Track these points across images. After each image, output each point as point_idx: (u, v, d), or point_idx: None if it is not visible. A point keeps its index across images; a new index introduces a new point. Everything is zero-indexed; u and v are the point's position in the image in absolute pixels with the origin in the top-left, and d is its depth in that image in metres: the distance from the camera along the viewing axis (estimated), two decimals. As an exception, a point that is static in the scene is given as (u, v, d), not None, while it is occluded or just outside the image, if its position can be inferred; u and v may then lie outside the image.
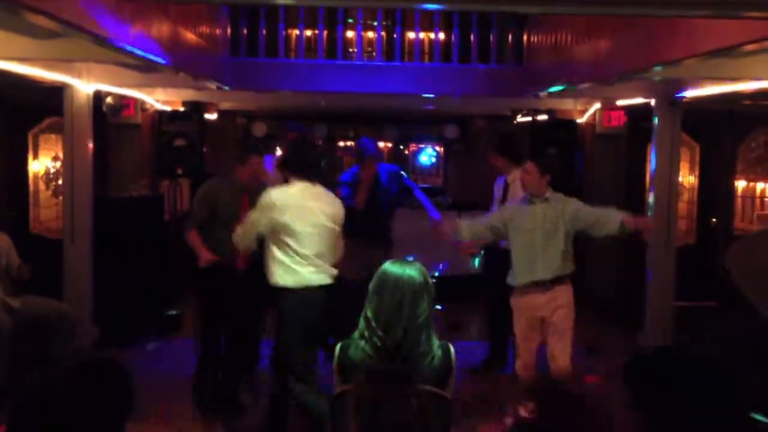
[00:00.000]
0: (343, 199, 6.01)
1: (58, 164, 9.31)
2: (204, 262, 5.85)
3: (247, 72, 8.28)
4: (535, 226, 5.80)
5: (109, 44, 4.86)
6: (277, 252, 5.20)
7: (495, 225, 5.90)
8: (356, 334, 3.39)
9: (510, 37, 8.57)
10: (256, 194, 5.45)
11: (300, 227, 5.15)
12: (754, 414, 2.36)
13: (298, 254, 5.15)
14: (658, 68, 5.34)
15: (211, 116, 10.42)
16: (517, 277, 5.89)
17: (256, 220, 5.21)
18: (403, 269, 3.36)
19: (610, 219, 5.73)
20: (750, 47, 4.19)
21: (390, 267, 3.39)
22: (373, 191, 7.02)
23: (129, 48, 5.08)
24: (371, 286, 3.38)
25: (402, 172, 7.47)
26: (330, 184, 5.77)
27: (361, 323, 3.37)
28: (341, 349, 3.38)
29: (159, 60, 5.78)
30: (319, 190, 5.38)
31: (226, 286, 5.98)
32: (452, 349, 3.38)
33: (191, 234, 6.01)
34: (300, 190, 5.25)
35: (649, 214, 8.06)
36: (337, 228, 5.39)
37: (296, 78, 8.29)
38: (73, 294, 7.58)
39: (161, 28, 5.82)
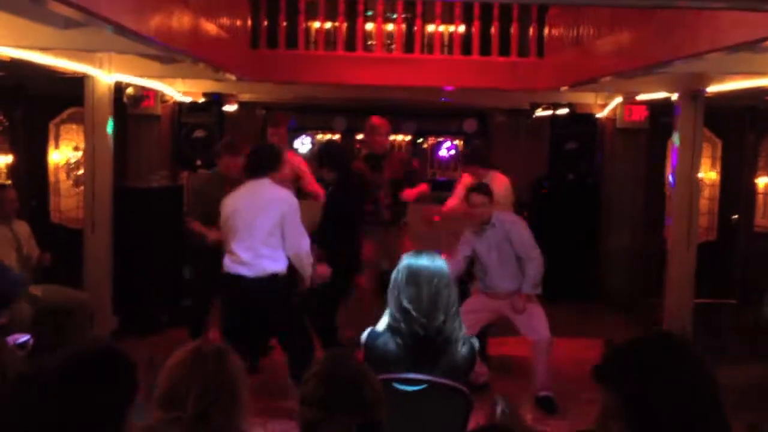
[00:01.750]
0: None
1: (79, 154, 9.36)
2: (213, 239, 6.28)
3: (267, 63, 8.28)
4: (490, 249, 6.45)
5: (129, 34, 4.87)
6: None
7: (467, 255, 6.53)
8: (383, 326, 3.37)
9: (531, 30, 8.51)
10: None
11: None
12: None
13: None
14: (680, 62, 5.28)
15: (231, 108, 10.43)
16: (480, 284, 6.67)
17: None
18: (433, 260, 3.38)
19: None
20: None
21: (418, 259, 3.39)
22: None
23: (150, 39, 5.09)
24: (400, 277, 3.37)
25: None
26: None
27: (390, 315, 3.36)
28: (369, 340, 3.37)
29: (180, 51, 5.78)
30: None
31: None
32: (476, 343, 3.40)
33: (194, 224, 6.64)
34: None
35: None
36: None
37: (315, 70, 8.27)
38: (93, 283, 7.60)
39: (182, 19, 5.82)
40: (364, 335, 3.43)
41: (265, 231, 5.53)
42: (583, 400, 6.35)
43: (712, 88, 7.14)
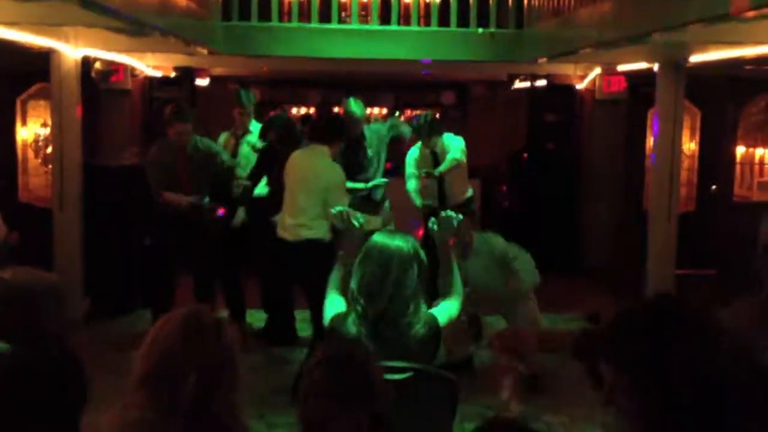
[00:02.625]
0: None
1: (48, 131, 9.10)
2: (188, 203, 6.66)
3: (240, 37, 8.04)
4: None
5: (96, 7, 4.67)
6: None
7: None
8: (346, 308, 3.27)
9: (510, 0, 8.33)
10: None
11: None
12: None
13: None
14: (660, 34, 5.15)
15: (203, 81, 10.21)
16: None
17: None
18: (391, 239, 3.24)
19: None
20: (753, 13, 4.01)
21: (377, 237, 3.29)
22: None
23: (117, 11, 4.88)
24: (360, 255, 3.25)
25: None
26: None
27: (348, 295, 3.26)
28: (332, 323, 3.25)
29: (147, 24, 5.57)
30: None
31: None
32: (440, 319, 3.26)
33: (166, 194, 6.70)
34: None
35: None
36: None
37: (289, 43, 8.05)
38: (63, 264, 7.42)
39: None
40: (327, 319, 3.30)
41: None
42: (564, 378, 6.33)
43: (694, 58, 7.01)
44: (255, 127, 7.66)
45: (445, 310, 3.35)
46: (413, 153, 7.68)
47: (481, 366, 6.50)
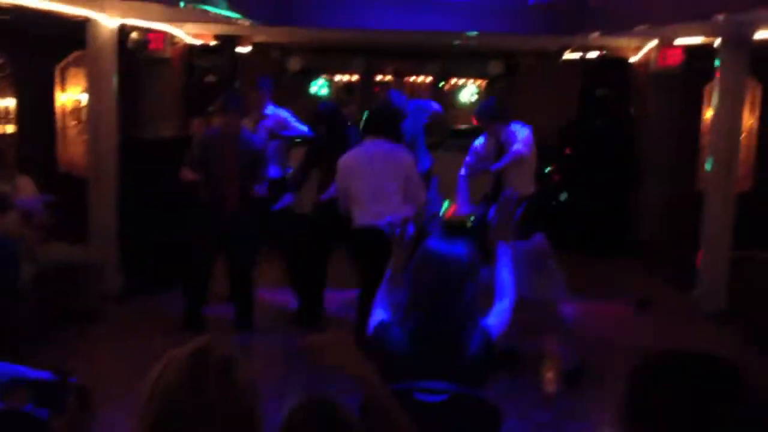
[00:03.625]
0: None
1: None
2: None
3: (281, 6, 7.80)
4: None
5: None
6: None
7: None
8: (393, 318, 3.00)
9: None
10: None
11: None
12: None
13: None
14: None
15: (245, 49, 9.97)
16: None
17: None
18: (450, 246, 2.93)
19: None
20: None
21: (435, 243, 2.97)
22: None
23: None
24: (414, 261, 2.98)
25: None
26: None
27: (397, 305, 2.99)
28: (378, 333, 2.98)
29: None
30: None
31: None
32: (495, 331, 2.95)
33: (186, 172, 6.61)
34: None
35: (708, 161, 7.54)
36: None
37: (332, 13, 7.79)
38: (98, 238, 7.32)
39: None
40: (372, 326, 3.03)
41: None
42: (614, 372, 6.07)
43: (760, 35, 6.60)
44: (271, 110, 7.52)
45: (499, 319, 3.03)
46: (478, 141, 6.97)
47: (525, 357, 6.25)
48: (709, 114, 9.32)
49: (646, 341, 6.79)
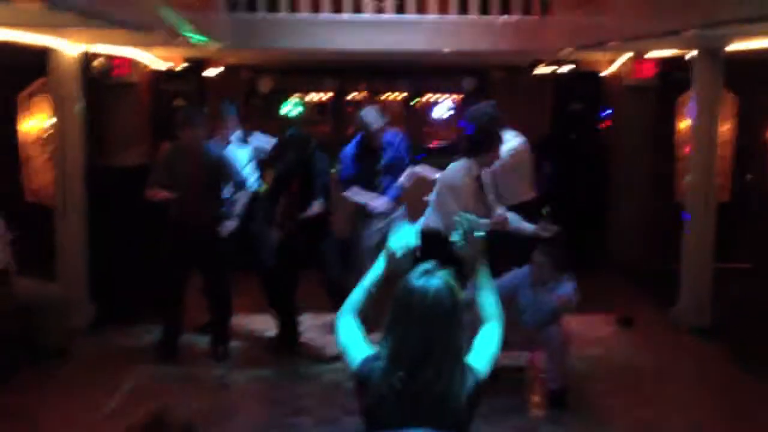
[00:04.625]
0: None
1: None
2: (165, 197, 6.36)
3: (247, 30, 7.64)
4: None
5: (95, 17, 4.32)
6: None
7: None
8: (379, 352, 2.77)
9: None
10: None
11: None
12: None
13: None
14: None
15: (214, 71, 9.80)
16: None
17: None
18: (429, 284, 2.68)
19: None
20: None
21: (414, 282, 2.70)
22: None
23: (120, 21, 4.52)
24: (393, 303, 2.77)
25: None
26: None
27: (383, 346, 2.76)
28: (363, 370, 2.77)
29: (151, 27, 5.20)
30: None
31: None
32: (483, 366, 2.77)
33: (153, 192, 6.41)
34: None
35: (687, 178, 7.47)
36: None
37: (300, 35, 7.64)
38: (67, 270, 7.11)
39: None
40: (357, 361, 2.83)
41: None
42: (597, 392, 5.95)
43: (733, 47, 6.54)
44: (235, 137, 7.47)
45: (487, 350, 2.83)
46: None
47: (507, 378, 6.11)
48: (683, 125, 9.29)
49: (629, 359, 6.70)
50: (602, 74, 9.52)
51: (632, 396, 5.95)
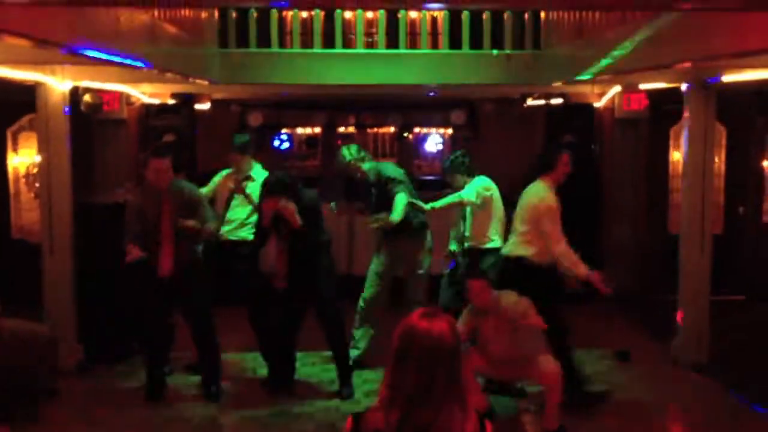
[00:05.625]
0: None
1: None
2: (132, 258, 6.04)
3: (238, 64, 7.60)
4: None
5: (83, 56, 4.26)
6: None
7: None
8: (377, 401, 2.70)
9: (526, 16, 7.85)
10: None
11: None
12: None
13: None
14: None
15: (203, 106, 9.75)
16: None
17: None
18: (432, 325, 2.62)
19: None
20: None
21: (417, 322, 2.64)
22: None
23: (106, 57, 4.46)
24: (395, 343, 2.69)
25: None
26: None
27: (382, 390, 2.68)
28: (354, 419, 2.69)
29: (139, 62, 5.14)
30: None
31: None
32: (487, 425, 2.70)
33: (131, 247, 6.09)
34: None
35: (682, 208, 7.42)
36: None
37: (291, 69, 7.62)
38: (54, 309, 6.98)
39: (141, 22, 5.16)
40: (348, 423, 2.74)
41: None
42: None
43: (726, 78, 6.52)
44: (257, 171, 7.09)
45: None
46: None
47: (503, 416, 6.01)
48: (677, 156, 9.27)
49: (627, 395, 6.60)
50: (594, 106, 9.50)
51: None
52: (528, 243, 6.13)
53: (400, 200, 6.79)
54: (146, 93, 8.89)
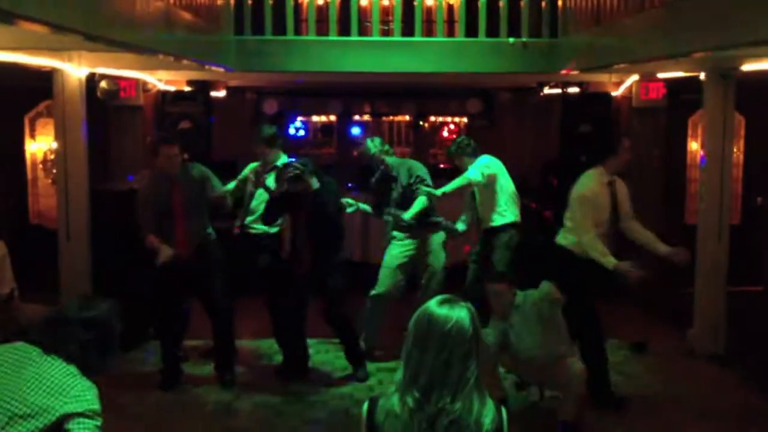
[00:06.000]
0: None
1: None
2: (164, 260, 6.17)
3: (254, 52, 7.59)
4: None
5: (102, 40, 4.27)
6: None
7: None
8: (393, 386, 2.69)
9: (543, 4, 7.79)
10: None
11: None
12: None
13: None
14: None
15: (219, 93, 9.76)
16: None
17: None
18: (452, 311, 2.61)
19: None
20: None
21: (436, 308, 2.63)
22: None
23: (123, 42, 4.47)
24: (411, 329, 2.69)
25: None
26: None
27: (399, 375, 2.68)
28: (370, 403, 2.68)
29: (157, 50, 5.14)
30: None
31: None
32: (505, 413, 2.68)
33: (150, 238, 6.27)
34: None
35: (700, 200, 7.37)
36: None
37: (307, 57, 7.59)
38: (71, 294, 6.99)
39: (157, 8, 5.15)
40: (365, 407, 2.74)
41: None
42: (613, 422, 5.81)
43: (745, 68, 6.46)
44: (283, 161, 6.89)
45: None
46: None
47: (518, 407, 6.00)
48: (695, 146, 9.21)
49: (644, 386, 6.57)
50: (611, 95, 9.43)
51: (649, 425, 5.82)
52: (569, 231, 6.17)
53: (420, 202, 6.92)
54: (162, 80, 8.91)
